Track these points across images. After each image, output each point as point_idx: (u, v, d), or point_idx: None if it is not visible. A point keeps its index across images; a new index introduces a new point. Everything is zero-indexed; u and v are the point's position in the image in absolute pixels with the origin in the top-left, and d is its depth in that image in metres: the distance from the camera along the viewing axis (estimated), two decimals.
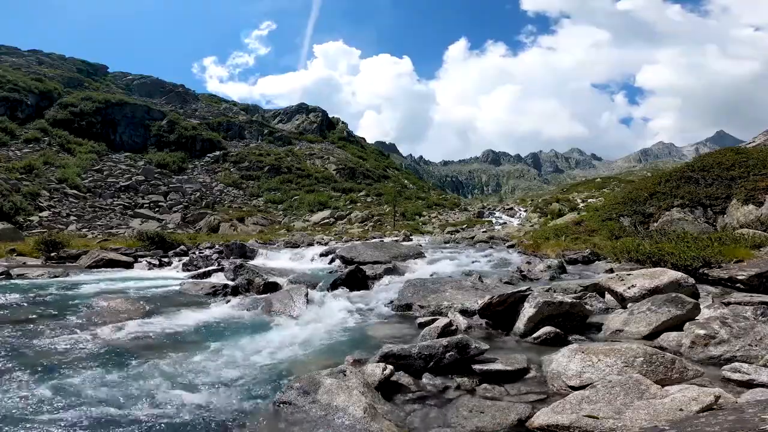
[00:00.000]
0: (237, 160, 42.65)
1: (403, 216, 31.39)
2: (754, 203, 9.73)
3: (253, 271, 6.67)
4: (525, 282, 6.10)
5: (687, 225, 9.85)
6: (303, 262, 10.28)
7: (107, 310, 4.64)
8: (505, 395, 2.51)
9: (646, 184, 13.90)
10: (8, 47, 51.51)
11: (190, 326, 4.15)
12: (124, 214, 25.97)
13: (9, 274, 7.26)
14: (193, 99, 58.67)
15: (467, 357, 2.83)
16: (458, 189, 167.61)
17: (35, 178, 26.01)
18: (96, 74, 54.89)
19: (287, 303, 4.80)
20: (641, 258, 6.53)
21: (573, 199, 31.24)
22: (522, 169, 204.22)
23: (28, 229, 18.58)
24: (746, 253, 6.06)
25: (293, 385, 2.42)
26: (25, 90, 37.68)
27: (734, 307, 3.93)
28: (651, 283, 4.10)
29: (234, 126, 52.10)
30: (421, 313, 4.48)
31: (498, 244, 13.39)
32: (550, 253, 9.21)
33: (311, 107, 66.97)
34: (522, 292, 3.88)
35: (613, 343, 2.88)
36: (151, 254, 10.60)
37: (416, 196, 42.82)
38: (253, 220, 28.94)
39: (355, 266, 6.55)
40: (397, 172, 57.58)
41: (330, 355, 3.32)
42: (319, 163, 47.21)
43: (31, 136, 33.21)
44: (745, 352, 2.72)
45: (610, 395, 2.10)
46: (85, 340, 3.57)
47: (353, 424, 2.07)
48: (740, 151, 13.01)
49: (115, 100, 43.04)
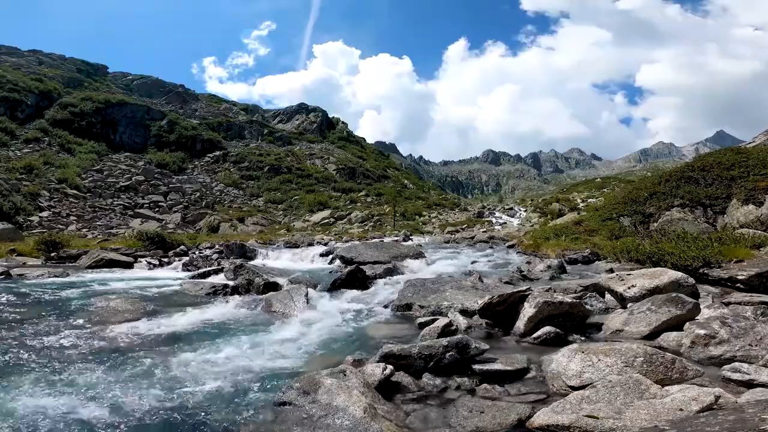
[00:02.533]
0: (237, 160, 42.69)
1: (403, 216, 31.39)
2: (754, 203, 9.73)
3: (253, 271, 6.67)
4: (525, 282, 6.09)
5: (687, 225, 9.84)
6: (303, 262, 10.28)
7: (107, 310, 4.64)
8: (505, 395, 2.51)
9: (646, 184, 13.90)
10: (8, 47, 51.53)
11: (190, 326, 4.15)
12: (124, 214, 25.97)
13: (9, 274, 7.26)
14: (193, 99, 58.70)
15: (467, 357, 2.83)
16: (458, 189, 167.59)
17: (35, 178, 26.02)
18: (96, 74, 54.93)
19: (287, 303, 4.80)
20: (641, 258, 6.52)
21: (573, 199, 31.26)
22: (522, 169, 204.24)
23: (28, 229, 18.59)
24: (746, 253, 6.06)
25: (293, 385, 2.42)
26: (25, 90, 37.71)
27: (734, 307, 3.93)
28: (651, 283, 4.09)
29: (234, 126, 52.15)
30: (421, 313, 4.48)
31: (498, 244, 13.39)
32: (550, 253, 9.21)
33: (311, 107, 67.01)
34: (522, 292, 3.88)
35: (613, 343, 2.88)
36: (151, 254, 10.59)
37: (416, 196, 42.84)
38: (253, 220, 28.94)
39: (355, 266, 6.55)
40: (397, 172, 57.59)
41: (330, 355, 3.32)
42: (319, 163, 47.23)
43: (31, 136, 33.25)
44: (745, 352, 2.72)
45: (610, 395, 2.09)
46: (84, 340, 3.57)
47: (353, 424, 2.07)
48: (740, 151, 13.01)
49: (115, 101, 43.08)
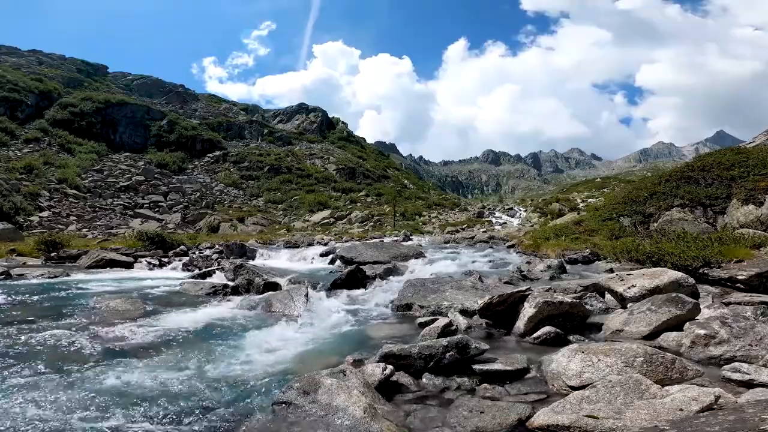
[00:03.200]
0: (237, 160, 42.70)
1: (403, 216, 31.39)
2: (754, 203, 9.72)
3: (253, 271, 6.67)
4: (525, 282, 6.09)
5: (687, 225, 9.83)
6: (303, 262, 10.28)
7: (107, 311, 4.64)
8: (505, 395, 2.51)
9: (646, 184, 13.89)
10: (8, 47, 51.53)
11: (189, 326, 4.14)
12: (124, 214, 25.97)
13: (9, 274, 7.26)
14: (193, 99, 58.71)
15: (467, 357, 2.83)
16: (458, 189, 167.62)
17: (35, 178, 26.02)
18: (96, 74, 54.94)
19: (287, 303, 4.80)
20: (641, 258, 6.52)
21: (573, 199, 31.26)
22: (522, 169, 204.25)
23: (28, 229, 18.59)
24: (746, 253, 6.05)
25: (293, 385, 2.42)
26: (25, 90, 37.71)
27: (734, 307, 3.93)
28: (651, 283, 4.09)
29: (234, 126, 52.15)
30: (421, 313, 4.48)
31: (498, 244, 13.38)
32: (550, 253, 9.20)
33: (311, 107, 67.01)
34: (522, 292, 3.89)
35: (613, 343, 2.88)
36: (151, 254, 10.59)
37: (416, 196, 42.84)
38: (253, 220, 28.94)
39: (355, 266, 6.55)
40: (397, 172, 57.59)
41: (330, 355, 3.32)
42: (319, 163, 47.23)
43: (31, 136, 33.24)
44: (745, 352, 2.72)
45: (610, 395, 2.09)
46: (84, 341, 3.57)
47: (353, 424, 2.06)
48: (740, 151, 13.00)
49: (115, 100, 43.08)
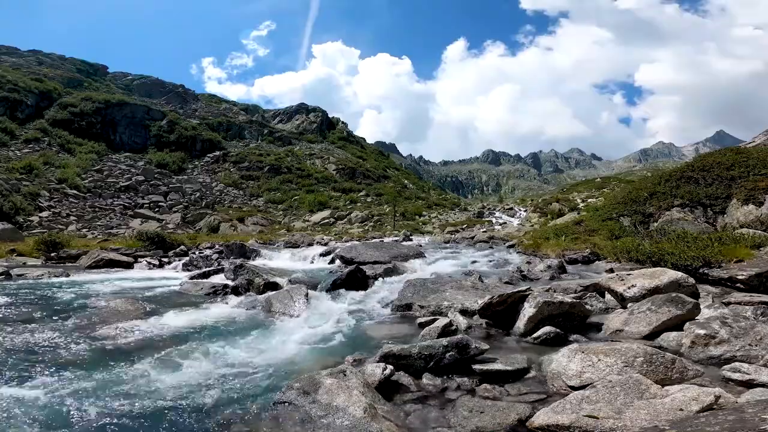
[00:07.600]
0: (237, 160, 42.65)
1: (403, 216, 31.37)
2: (754, 203, 9.71)
3: (253, 272, 6.67)
4: (525, 282, 6.09)
5: (687, 225, 9.83)
6: (303, 263, 10.27)
7: (107, 311, 4.64)
8: (505, 395, 2.51)
9: (646, 184, 13.87)
10: (8, 47, 51.53)
11: (189, 326, 4.15)
12: (124, 215, 25.95)
13: (9, 274, 7.26)
14: (193, 99, 58.67)
15: (467, 357, 2.83)
16: (458, 189, 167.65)
17: (35, 178, 26.01)
18: (96, 74, 54.91)
19: (287, 303, 4.80)
20: (641, 258, 6.52)
21: (573, 199, 31.23)
22: (522, 169, 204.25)
23: (28, 229, 18.57)
24: (746, 253, 6.05)
25: (293, 385, 2.42)
26: (25, 90, 37.69)
27: (734, 307, 3.93)
28: (651, 283, 4.09)
29: (234, 126, 52.12)
30: (421, 313, 4.48)
31: (498, 244, 13.38)
32: (550, 253, 9.20)
33: (311, 107, 66.95)
34: (522, 291, 3.88)
35: (613, 343, 2.88)
36: (151, 254, 10.59)
37: (416, 196, 42.82)
38: (253, 220, 28.93)
39: (355, 266, 6.54)
40: (397, 172, 57.57)
41: (330, 355, 3.32)
42: (319, 163, 47.21)
43: (31, 136, 33.21)
44: (745, 352, 2.72)
45: (610, 395, 2.09)
46: (84, 341, 3.57)
47: (353, 424, 2.06)
48: (740, 151, 12.98)
49: (115, 101, 43.05)
